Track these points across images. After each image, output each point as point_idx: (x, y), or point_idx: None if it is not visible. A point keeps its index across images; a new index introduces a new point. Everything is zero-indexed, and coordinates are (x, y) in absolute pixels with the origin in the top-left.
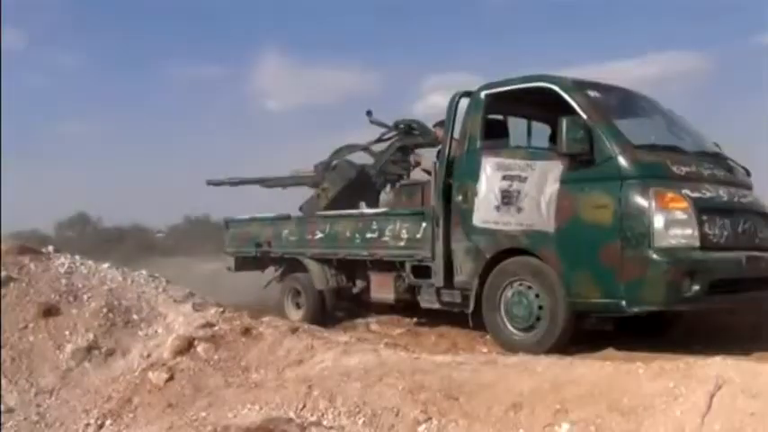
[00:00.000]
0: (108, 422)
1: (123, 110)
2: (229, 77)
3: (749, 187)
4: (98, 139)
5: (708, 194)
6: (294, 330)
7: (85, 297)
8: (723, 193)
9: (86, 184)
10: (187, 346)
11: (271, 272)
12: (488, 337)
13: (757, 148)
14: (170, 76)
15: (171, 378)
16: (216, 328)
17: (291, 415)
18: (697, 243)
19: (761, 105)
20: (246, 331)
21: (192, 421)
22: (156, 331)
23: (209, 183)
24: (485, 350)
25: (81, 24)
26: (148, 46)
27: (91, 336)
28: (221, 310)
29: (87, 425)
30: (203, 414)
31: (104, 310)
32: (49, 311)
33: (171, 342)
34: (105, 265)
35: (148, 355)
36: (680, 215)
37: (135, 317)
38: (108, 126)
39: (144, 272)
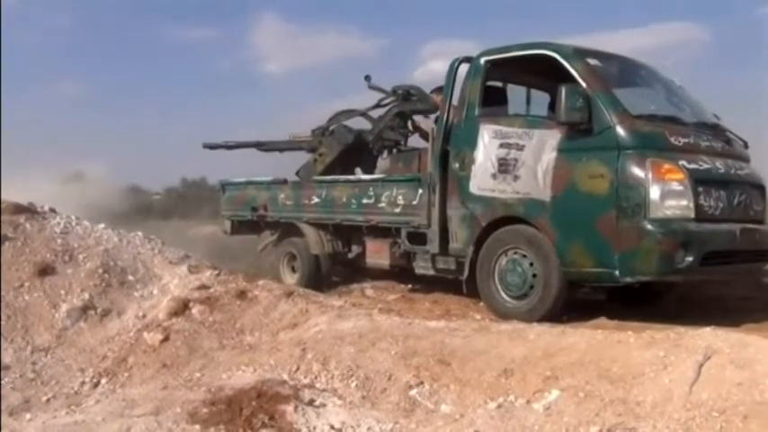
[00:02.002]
0: (103, 381)
1: (120, 71)
2: (227, 39)
3: (746, 159)
4: (95, 100)
5: (704, 166)
6: (289, 294)
7: (81, 257)
8: (720, 165)
9: (82, 145)
10: (182, 308)
11: (266, 236)
12: (482, 304)
13: (755, 120)
14: (168, 37)
15: (166, 339)
16: (211, 290)
17: (285, 377)
18: (692, 214)
19: (761, 76)
20: (241, 294)
21: (186, 381)
22: (151, 292)
23: (206, 146)
24: (478, 317)
25: None
26: (146, 7)
27: (86, 296)
28: (216, 272)
29: (83, 383)
30: (197, 375)
31: (100, 270)
32: (45, 271)
33: (166, 303)
34: (101, 226)
35: (144, 316)
36: (676, 186)
37: (130, 278)
38: (105, 87)
39: (140, 233)
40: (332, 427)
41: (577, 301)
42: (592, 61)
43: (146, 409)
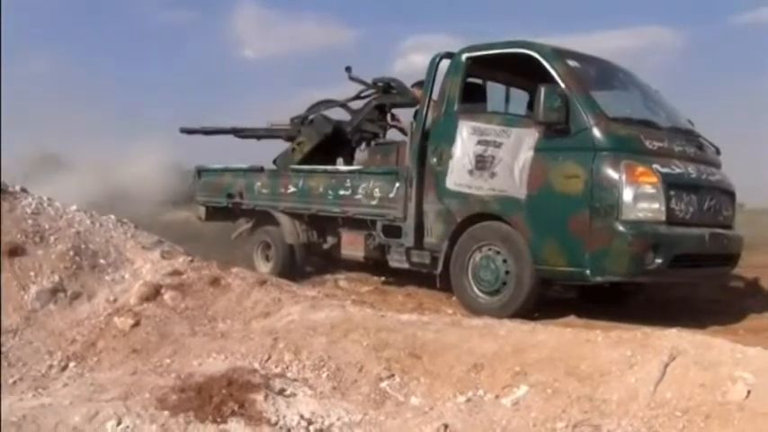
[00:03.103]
0: (71, 364)
1: (95, 52)
2: (205, 23)
3: (718, 165)
4: (68, 81)
5: (677, 170)
6: (262, 283)
7: (52, 239)
8: (692, 170)
9: (57, 126)
10: (154, 293)
11: (241, 223)
12: (455, 299)
13: (729, 127)
14: (144, 19)
15: (136, 324)
16: (184, 276)
17: (256, 366)
18: (663, 217)
19: (736, 83)
20: (215, 281)
21: (155, 367)
22: (122, 277)
23: (182, 130)
24: (450, 312)
25: None
26: None
27: (56, 278)
28: (190, 258)
29: (50, 366)
30: (167, 361)
31: (71, 252)
32: (15, 251)
33: (138, 288)
34: (73, 208)
35: (114, 300)
36: (649, 189)
37: (102, 261)
38: (80, 68)
39: (112, 216)
40: (302, 417)
41: (549, 299)
42: (571, 62)
43: (114, 394)
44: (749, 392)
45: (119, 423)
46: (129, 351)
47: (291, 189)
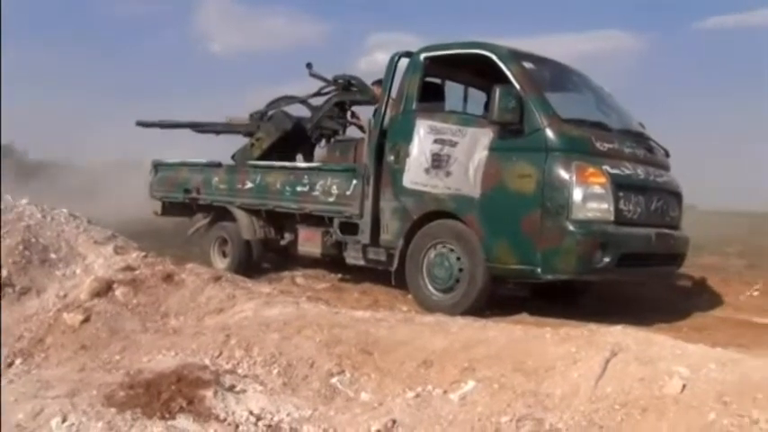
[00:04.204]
0: (18, 361)
1: (61, 42)
2: (171, 16)
3: (667, 167)
4: (31, 72)
5: (626, 172)
6: (217, 279)
7: (1, 232)
8: (641, 172)
9: (14, 115)
10: (105, 289)
11: (198, 219)
12: (410, 296)
13: (686, 131)
14: (110, 10)
15: (86, 320)
16: (137, 272)
17: (207, 362)
18: (612, 217)
19: (694, 88)
20: (168, 277)
21: (105, 364)
22: (74, 272)
23: (139, 123)
24: (404, 308)
25: None
26: None
27: (4, 272)
28: (143, 254)
29: None
30: (117, 357)
31: (20, 247)
32: None
33: (89, 283)
34: (24, 201)
35: (64, 296)
36: (598, 190)
37: (52, 256)
38: (42, 57)
39: (65, 210)
40: (251, 413)
41: (502, 297)
42: (527, 64)
43: (60, 391)
44: (684, 386)
45: (64, 420)
46: (78, 347)
47: (249, 185)
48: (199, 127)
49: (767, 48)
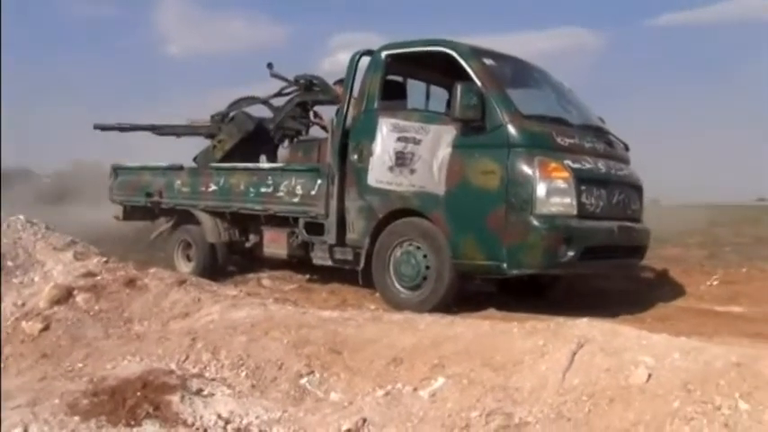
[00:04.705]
0: None
1: (13, 45)
2: (128, 19)
3: (627, 161)
4: None
5: (587, 166)
6: (181, 283)
7: None
8: (602, 166)
9: None
10: (66, 296)
11: (161, 223)
12: (378, 294)
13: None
14: (67, 14)
15: (46, 328)
16: (98, 277)
17: (173, 367)
18: (575, 211)
19: (653, 83)
20: (130, 282)
21: (66, 372)
22: (32, 279)
23: (97, 127)
24: (372, 307)
25: None
26: None
27: None
28: (104, 259)
29: None
30: (80, 365)
31: None
32: None
33: (48, 291)
34: None
35: (23, 304)
36: (561, 184)
37: (9, 263)
38: None
39: (21, 217)
40: (219, 417)
41: (470, 293)
42: (487, 61)
43: (21, 401)
44: (650, 376)
45: (25, 430)
46: (39, 356)
47: (212, 187)
48: (159, 129)
49: (719, 43)
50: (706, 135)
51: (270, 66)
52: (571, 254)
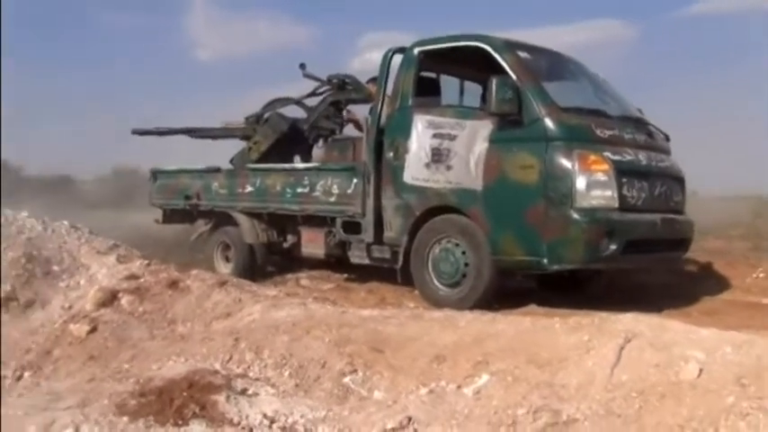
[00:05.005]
0: (27, 374)
1: (49, 55)
2: (158, 27)
3: (667, 152)
4: (20, 83)
5: (628, 158)
6: (222, 284)
7: (2, 246)
8: (642, 157)
9: (8, 130)
10: (111, 298)
11: (200, 225)
12: (416, 292)
13: (681, 117)
14: (98, 25)
15: (93, 330)
16: (141, 280)
17: (217, 367)
18: (616, 204)
19: (683, 75)
20: (173, 284)
21: (114, 373)
22: (78, 283)
23: (135, 132)
24: (412, 305)
25: None
26: None
27: (8, 286)
28: (147, 262)
29: (5, 377)
30: (126, 366)
31: (22, 260)
32: None
33: (93, 294)
34: (24, 214)
35: (70, 307)
36: (601, 177)
37: (55, 268)
38: (33, 74)
39: (66, 222)
40: (264, 416)
41: (509, 290)
42: (522, 54)
43: (71, 402)
44: (701, 371)
45: (76, 431)
46: (87, 358)
47: (249, 188)
48: (195, 132)
49: (757, 29)
50: (743, 125)
51: (302, 66)
52: (613, 247)
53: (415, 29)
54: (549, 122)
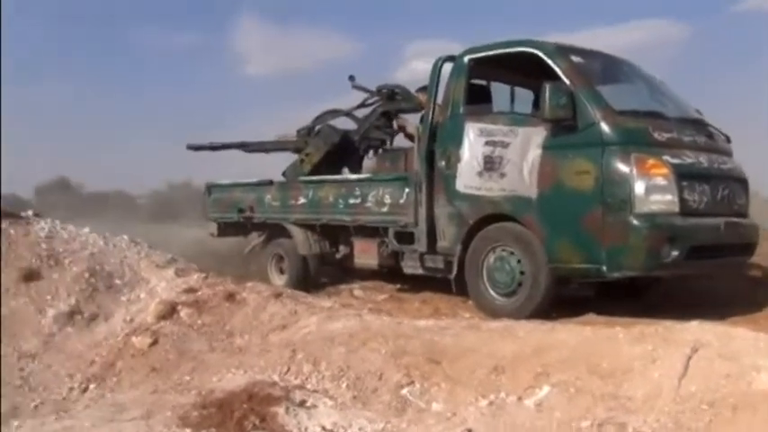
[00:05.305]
0: (92, 386)
1: (103, 77)
2: (207, 44)
3: (729, 154)
4: (78, 105)
5: (688, 161)
6: (278, 295)
7: (67, 261)
8: (703, 160)
9: (67, 149)
10: (170, 311)
11: (254, 237)
12: (471, 302)
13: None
14: (148, 43)
15: (154, 342)
16: (199, 293)
17: (276, 379)
18: (677, 209)
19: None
20: (230, 296)
21: (176, 385)
22: (138, 296)
23: (189, 147)
24: (467, 315)
25: None
26: (126, 14)
27: (73, 300)
28: (204, 275)
29: (71, 389)
30: (187, 378)
31: (86, 274)
32: (30, 276)
33: (154, 307)
34: (86, 230)
35: (131, 320)
36: (660, 181)
37: (117, 281)
38: (89, 92)
39: (126, 237)
40: (323, 428)
41: (566, 298)
42: (574, 58)
43: (135, 414)
44: None
45: None
46: (149, 370)
47: (302, 200)
48: (248, 146)
49: None
50: None
51: (352, 78)
52: (675, 253)
53: (458, 36)
54: (604, 126)
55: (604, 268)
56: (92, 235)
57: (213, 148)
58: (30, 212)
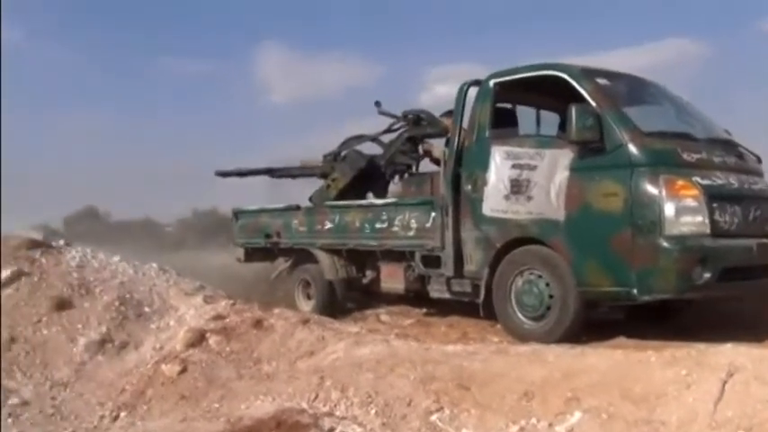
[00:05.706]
0: (122, 414)
1: (127, 105)
2: (230, 72)
3: (760, 174)
4: (103, 134)
5: (718, 181)
6: (305, 322)
7: (97, 290)
8: (733, 180)
9: (93, 179)
10: (199, 339)
11: (280, 263)
12: (499, 326)
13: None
14: (171, 72)
15: (184, 370)
16: (227, 320)
17: (304, 406)
18: (708, 230)
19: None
20: (257, 323)
21: (205, 413)
22: (167, 324)
23: (218, 173)
24: (495, 340)
25: (81, 21)
26: (149, 43)
27: (104, 329)
28: (232, 302)
29: (102, 417)
30: (216, 406)
31: (116, 303)
32: (62, 305)
33: (183, 334)
34: (116, 259)
35: (161, 348)
36: (690, 202)
37: (147, 309)
38: (113, 122)
39: (154, 265)
40: None
41: (596, 322)
42: (600, 80)
43: None
44: None
45: None
46: (178, 398)
47: (328, 225)
48: (275, 172)
49: None
50: None
51: (378, 104)
52: (707, 275)
53: (480, 60)
54: (632, 148)
55: (635, 291)
56: (121, 263)
57: (241, 174)
58: (61, 242)
